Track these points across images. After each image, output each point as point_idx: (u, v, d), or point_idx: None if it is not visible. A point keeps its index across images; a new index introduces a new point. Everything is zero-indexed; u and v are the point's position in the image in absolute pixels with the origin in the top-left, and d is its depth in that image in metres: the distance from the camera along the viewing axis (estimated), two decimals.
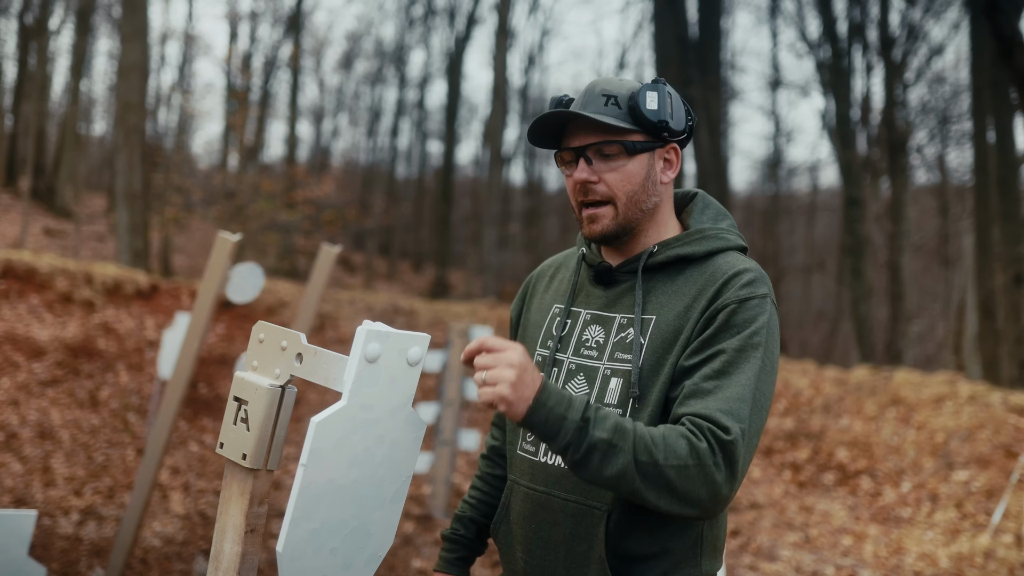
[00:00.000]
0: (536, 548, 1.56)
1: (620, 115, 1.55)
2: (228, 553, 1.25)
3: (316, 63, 30.76)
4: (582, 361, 1.59)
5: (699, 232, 1.61)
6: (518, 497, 1.62)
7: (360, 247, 29.82)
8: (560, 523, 1.53)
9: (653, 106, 1.54)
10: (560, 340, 1.64)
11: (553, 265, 1.83)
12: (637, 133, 1.57)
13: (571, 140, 1.59)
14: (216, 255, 3.56)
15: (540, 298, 1.77)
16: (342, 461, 1.19)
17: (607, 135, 1.55)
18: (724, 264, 1.55)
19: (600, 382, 1.55)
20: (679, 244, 1.59)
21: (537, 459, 1.59)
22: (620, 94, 1.57)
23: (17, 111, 23.42)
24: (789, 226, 29.87)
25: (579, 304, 1.66)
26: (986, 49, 12.96)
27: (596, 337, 1.60)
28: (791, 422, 8.95)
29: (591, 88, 1.59)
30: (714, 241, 1.60)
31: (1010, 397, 8.19)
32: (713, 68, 19.46)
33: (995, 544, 5.78)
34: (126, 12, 13.55)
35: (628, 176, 1.57)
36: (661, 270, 1.59)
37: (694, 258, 1.57)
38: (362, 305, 12.75)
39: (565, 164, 1.62)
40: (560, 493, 1.53)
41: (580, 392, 1.56)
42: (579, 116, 1.55)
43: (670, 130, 1.57)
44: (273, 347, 1.28)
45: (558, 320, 1.67)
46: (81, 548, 4.94)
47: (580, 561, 1.50)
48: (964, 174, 19.85)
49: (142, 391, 8.16)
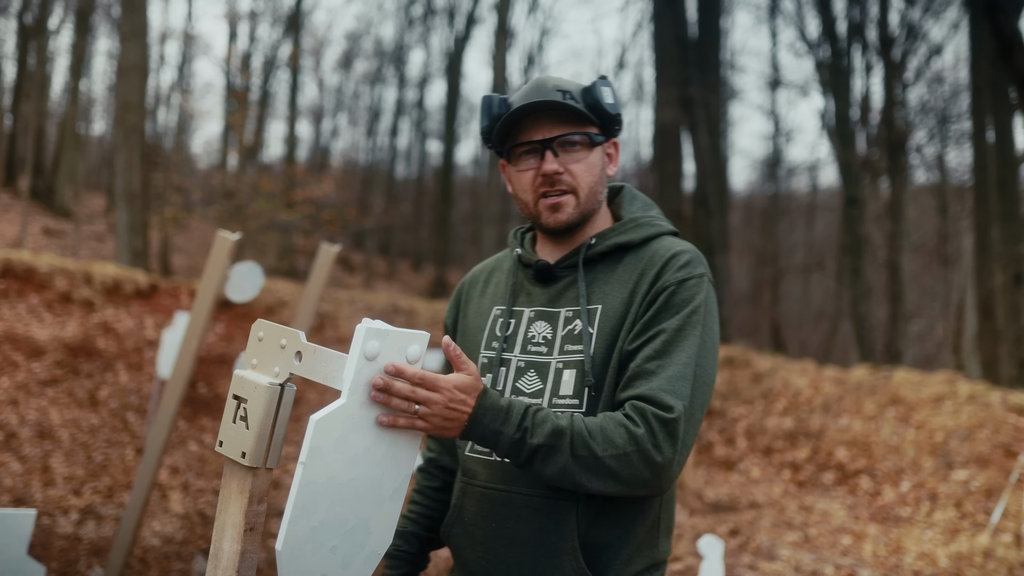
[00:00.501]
0: (499, 546, 1.56)
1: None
2: (227, 551, 1.25)
3: (315, 63, 30.76)
4: (531, 358, 1.60)
5: (633, 221, 1.66)
6: (473, 498, 1.61)
7: (359, 247, 29.83)
8: (525, 518, 1.53)
9: (611, 100, 1.60)
10: (506, 340, 1.65)
11: (485, 270, 1.84)
12: (594, 126, 1.62)
13: (532, 133, 1.60)
14: (216, 254, 3.56)
15: (477, 303, 1.77)
16: (341, 459, 1.19)
17: (575, 127, 1.59)
18: (661, 247, 1.60)
19: (553, 376, 1.57)
20: (616, 233, 1.63)
21: (493, 458, 1.59)
22: (572, 90, 1.60)
23: (16, 111, 23.41)
24: (788, 226, 29.88)
25: (521, 304, 1.67)
26: (985, 49, 12.95)
27: (543, 333, 1.61)
28: (790, 422, 8.96)
29: (541, 84, 1.61)
30: (649, 228, 1.65)
31: (1009, 396, 8.19)
32: (713, 68, 19.45)
33: (994, 543, 5.78)
34: (125, 12, 13.54)
35: (590, 167, 1.62)
36: (601, 260, 1.63)
37: (631, 245, 1.62)
38: (361, 305, 12.76)
39: (519, 158, 1.63)
40: (523, 489, 1.54)
41: (533, 388, 1.58)
42: (565, 106, 1.57)
43: (620, 124, 1.64)
44: (272, 345, 1.28)
45: (500, 321, 1.68)
46: (80, 547, 4.94)
47: (550, 553, 1.51)
48: (963, 174, 19.85)
49: (141, 391, 8.16)
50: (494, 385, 1.62)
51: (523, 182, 1.62)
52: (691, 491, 7.72)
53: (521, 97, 1.60)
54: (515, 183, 1.65)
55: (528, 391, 1.58)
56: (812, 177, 28.90)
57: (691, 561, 5.59)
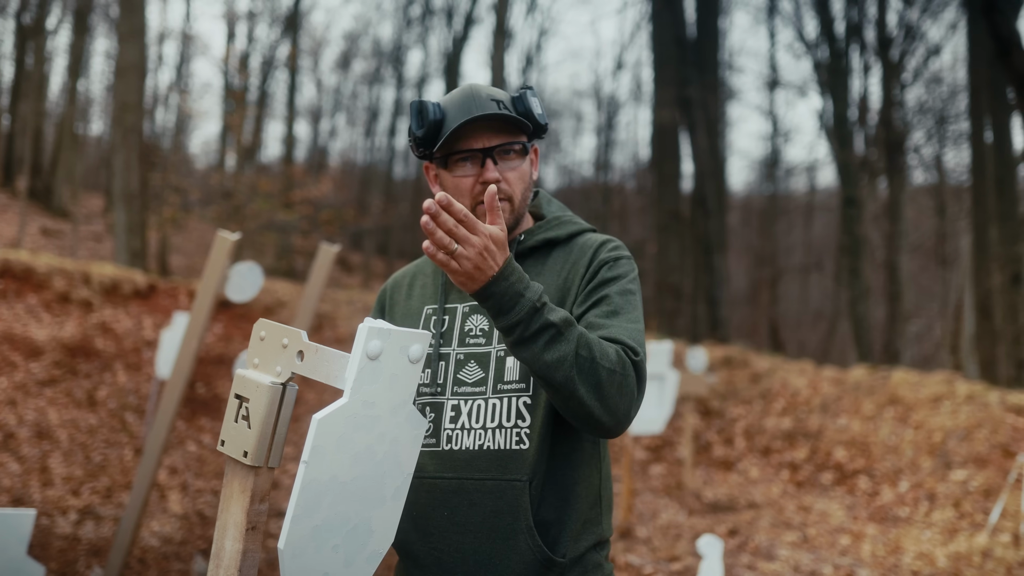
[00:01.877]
0: (451, 534, 1.58)
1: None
2: (229, 551, 1.25)
3: (314, 63, 30.74)
4: (470, 349, 1.65)
5: (557, 219, 1.76)
6: (420, 491, 1.62)
7: (358, 247, 29.83)
8: (478, 503, 1.56)
9: (539, 109, 1.68)
10: (442, 335, 1.69)
11: (407, 275, 1.88)
12: (524, 135, 1.69)
13: (472, 142, 1.64)
14: (215, 254, 3.55)
15: (404, 305, 1.81)
16: (343, 458, 1.19)
17: (511, 136, 1.65)
18: (589, 240, 1.72)
19: (495, 364, 1.62)
20: (543, 230, 1.73)
21: (439, 449, 1.62)
22: (504, 99, 1.67)
23: (14, 111, 23.39)
24: (787, 226, 29.88)
25: (453, 300, 1.72)
26: (984, 49, 12.97)
27: (480, 325, 1.66)
28: (789, 422, 8.97)
29: (475, 93, 1.65)
30: (572, 226, 1.75)
31: (1007, 396, 8.20)
32: (711, 68, 19.47)
33: (993, 543, 5.79)
34: (123, 12, 13.53)
35: (523, 175, 1.69)
36: (530, 255, 1.71)
37: (558, 241, 1.72)
38: (360, 305, 12.75)
39: (456, 164, 1.66)
40: (474, 475, 1.57)
41: (475, 378, 1.62)
42: (507, 117, 1.62)
43: (545, 132, 1.72)
44: (274, 345, 1.28)
45: (434, 318, 1.72)
46: (79, 548, 4.94)
47: (506, 534, 1.54)
48: (961, 174, 19.87)
49: (140, 391, 8.15)
50: (434, 379, 1.66)
51: (461, 188, 1.66)
52: (690, 491, 7.73)
53: (457, 106, 1.64)
54: (450, 188, 1.68)
55: (470, 381, 1.62)
56: (810, 177, 28.92)
57: (690, 561, 5.59)
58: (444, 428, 1.62)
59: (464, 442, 1.59)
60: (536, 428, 1.56)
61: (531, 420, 1.57)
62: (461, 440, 1.60)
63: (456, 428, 1.61)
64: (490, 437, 1.58)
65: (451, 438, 1.61)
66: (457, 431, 1.60)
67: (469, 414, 1.60)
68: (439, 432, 1.63)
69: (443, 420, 1.62)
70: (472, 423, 1.60)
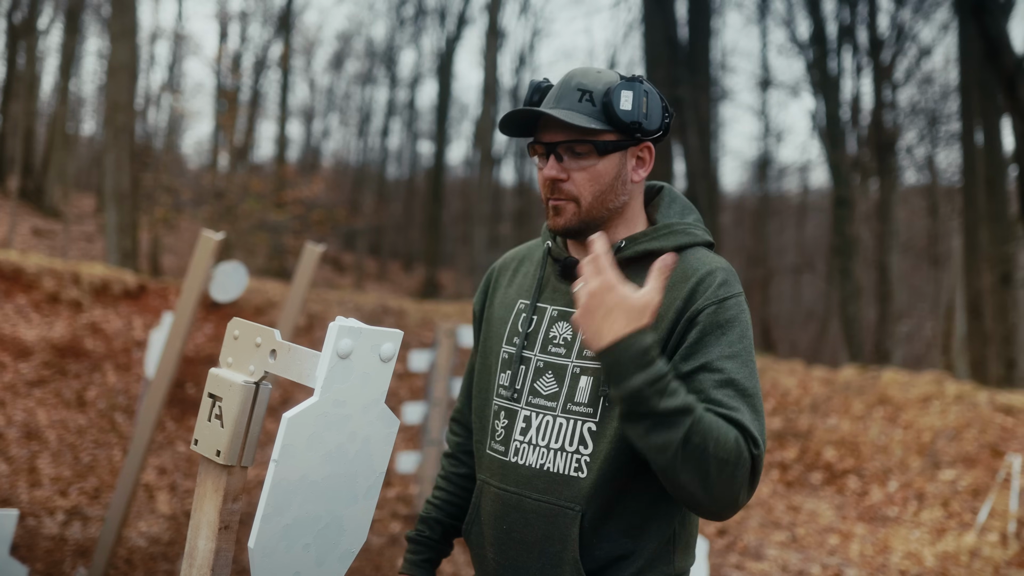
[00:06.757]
0: (508, 549, 1.54)
1: (593, 112, 1.51)
2: (202, 550, 1.25)
3: (306, 63, 30.75)
4: (550, 359, 1.56)
5: (667, 227, 1.58)
6: (488, 497, 1.59)
7: (350, 247, 29.81)
8: (533, 524, 1.51)
9: (627, 106, 1.50)
10: (527, 337, 1.60)
11: (516, 258, 1.78)
12: (609, 132, 1.52)
13: (543, 134, 1.55)
14: (199, 254, 3.54)
15: (504, 292, 1.73)
16: (314, 457, 1.18)
17: (579, 134, 1.51)
18: (695, 261, 1.52)
19: (569, 380, 1.52)
20: (646, 239, 1.56)
21: (507, 459, 1.56)
22: (596, 89, 1.52)
23: (5, 111, 23.31)
24: (779, 226, 29.98)
25: (545, 300, 1.62)
26: (975, 50, 13.02)
27: (564, 334, 1.56)
28: (779, 422, 8.98)
29: (567, 80, 1.55)
30: (682, 236, 1.57)
31: (997, 396, 8.23)
32: (703, 68, 19.48)
33: (981, 543, 5.81)
34: (115, 12, 13.49)
35: (596, 176, 1.53)
36: (628, 266, 1.55)
37: (662, 253, 1.51)
38: (351, 305, 12.73)
39: (538, 155, 1.59)
40: (532, 494, 1.51)
41: (550, 390, 1.54)
42: (562, 123, 1.50)
43: (643, 130, 1.52)
44: (248, 344, 1.28)
45: (524, 316, 1.63)
46: (66, 548, 4.92)
47: (554, 562, 1.48)
48: (953, 175, 19.96)
49: (129, 391, 8.13)
50: (512, 383, 1.59)
51: (539, 180, 1.59)
52: None
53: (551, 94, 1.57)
54: (538, 180, 1.60)
55: (545, 393, 1.55)
56: (802, 178, 29.04)
57: None
58: (514, 439, 1.56)
59: (529, 458, 1.53)
60: (598, 458, 1.46)
61: (593, 448, 1.47)
62: (527, 455, 1.54)
63: (524, 441, 1.54)
64: (552, 458, 1.51)
65: (518, 451, 1.55)
66: (525, 445, 1.54)
67: (538, 429, 1.53)
68: (509, 441, 1.57)
69: (514, 430, 1.56)
70: (539, 439, 1.53)
